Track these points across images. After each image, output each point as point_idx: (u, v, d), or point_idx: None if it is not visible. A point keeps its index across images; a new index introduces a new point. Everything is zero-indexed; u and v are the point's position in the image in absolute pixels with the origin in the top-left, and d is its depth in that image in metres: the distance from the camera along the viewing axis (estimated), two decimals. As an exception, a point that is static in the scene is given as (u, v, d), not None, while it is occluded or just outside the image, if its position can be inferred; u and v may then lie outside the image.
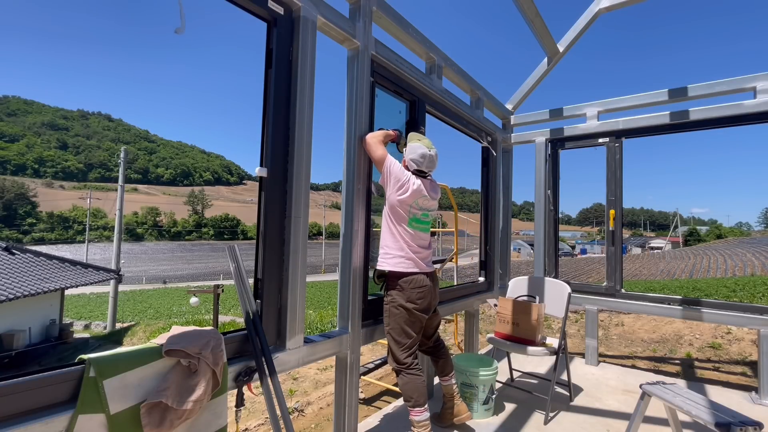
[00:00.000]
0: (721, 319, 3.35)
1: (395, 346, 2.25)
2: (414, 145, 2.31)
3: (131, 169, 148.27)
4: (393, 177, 2.22)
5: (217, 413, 1.45)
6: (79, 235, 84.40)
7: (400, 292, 2.22)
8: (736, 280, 15.54)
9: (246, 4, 1.78)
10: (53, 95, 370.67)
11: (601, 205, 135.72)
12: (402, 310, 2.22)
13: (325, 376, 4.84)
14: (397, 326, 2.23)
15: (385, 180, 2.25)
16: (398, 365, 2.25)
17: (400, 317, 2.22)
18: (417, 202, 2.26)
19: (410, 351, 2.25)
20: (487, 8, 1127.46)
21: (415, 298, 2.22)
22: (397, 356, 2.24)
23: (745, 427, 1.61)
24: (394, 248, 2.25)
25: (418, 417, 2.17)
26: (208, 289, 9.91)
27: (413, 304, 2.22)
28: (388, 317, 2.27)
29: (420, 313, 2.25)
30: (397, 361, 2.25)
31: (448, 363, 2.56)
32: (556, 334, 5.02)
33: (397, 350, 2.24)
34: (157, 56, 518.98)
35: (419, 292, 2.23)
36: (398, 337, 2.24)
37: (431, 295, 2.31)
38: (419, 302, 2.24)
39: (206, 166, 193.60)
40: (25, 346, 12.14)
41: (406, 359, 2.23)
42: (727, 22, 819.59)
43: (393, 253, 2.25)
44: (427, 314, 2.32)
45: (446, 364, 2.55)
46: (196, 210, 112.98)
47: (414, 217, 2.27)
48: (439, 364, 2.55)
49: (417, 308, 2.23)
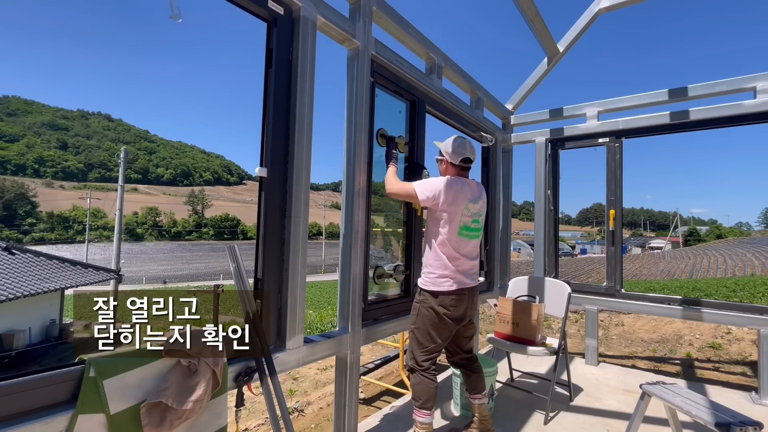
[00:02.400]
0: (721, 319, 3.35)
1: (416, 347, 2.19)
2: (450, 139, 2.26)
3: (131, 169, 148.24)
4: (431, 192, 2.11)
5: (217, 413, 1.45)
6: (79, 235, 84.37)
7: (434, 297, 2.15)
8: (736, 280, 15.55)
9: (246, 4, 1.78)
10: (53, 95, 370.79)
11: (601, 205, 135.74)
12: (432, 312, 2.13)
13: (325, 376, 4.84)
14: (423, 328, 2.16)
15: (429, 200, 2.12)
16: (415, 365, 2.19)
17: (429, 320, 2.14)
18: (467, 207, 2.15)
19: (430, 355, 2.17)
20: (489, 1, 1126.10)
21: (449, 304, 2.13)
22: (416, 356, 2.18)
23: (745, 427, 1.61)
24: (436, 266, 2.15)
25: (422, 419, 2.14)
26: (208, 289, 9.90)
27: (445, 309, 2.13)
28: (416, 316, 2.19)
29: (451, 321, 2.15)
30: (414, 360, 2.19)
31: (481, 381, 2.37)
32: (556, 334, 5.02)
33: (417, 351, 2.18)
34: (157, 56, 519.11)
35: (453, 299, 2.14)
36: (422, 339, 2.17)
37: (467, 305, 2.21)
38: (452, 309, 2.13)
39: (206, 166, 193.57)
40: (25, 346, 12.14)
41: (423, 362, 2.15)
42: (727, 21, 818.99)
43: (436, 272, 2.15)
44: (459, 323, 2.20)
45: (479, 381, 2.36)
46: (196, 210, 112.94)
47: (464, 225, 2.15)
48: (471, 380, 2.36)
49: (449, 315, 2.13)
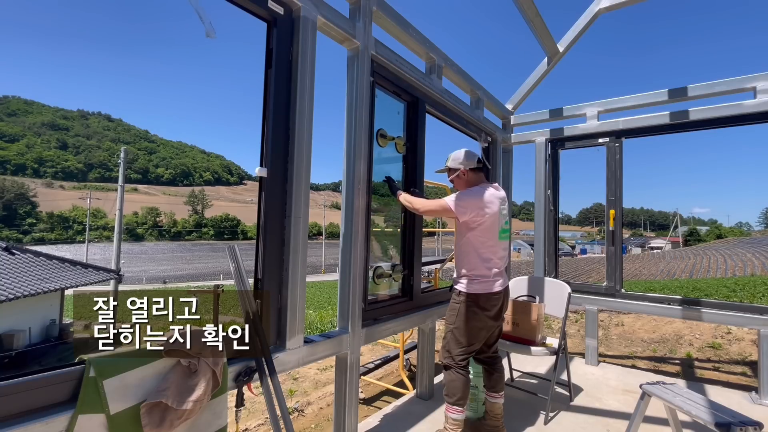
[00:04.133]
0: (721, 319, 3.35)
1: (454, 345, 2.22)
2: (452, 155, 2.34)
3: (131, 169, 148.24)
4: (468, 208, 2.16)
5: (217, 413, 1.45)
6: (79, 235, 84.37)
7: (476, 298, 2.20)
8: (736, 280, 15.55)
9: (246, 4, 1.78)
10: (53, 95, 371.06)
11: (601, 205, 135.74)
12: (473, 314, 2.18)
13: (325, 376, 4.84)
14: (463, 327, 2.20)
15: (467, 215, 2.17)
16: (451, 362, 2.22)
17: (470, 320, 2.19)
18: (500, 210, 2.22)
19: (468, 354, 2.22)
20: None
21: (490, 305, 2.20)
22: (453, 354, 2.22)
23: (745, 427, 1.61)
24: (477, 270, 2.20)
25: (454, 415, 2.17)
26: (208, 289, 9.91)
27: (486, 310, 2.20)
28: (456, 316, 2.23)
29: (491, 321, 2.22)
30: (452, 358, 2.22)
31: (502, 379, 2.41)
32: (556, 334, 5.01)
33: (455, 349, 2.22)
34: (157, 55, 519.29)
35: (493, 300, 2.21)
36: (461, 338, 2.21)
37: (502, 304, 2.28)
38: (492, 309, 2.21)
39: (206, 166, 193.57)
40: (25, 346, 12.14)
41: (461, 360, 2.20)
42: (728, 20, 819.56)
43: (478, 276, 2.20)
44: (497, 322, 2.28)
45: (500, 379, 2.39)
46: (196, 210, 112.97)
47: (501, 228, 2.24)
48: (492, 378, 2.39)
49: (489, 315, 2.20)
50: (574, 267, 30.55)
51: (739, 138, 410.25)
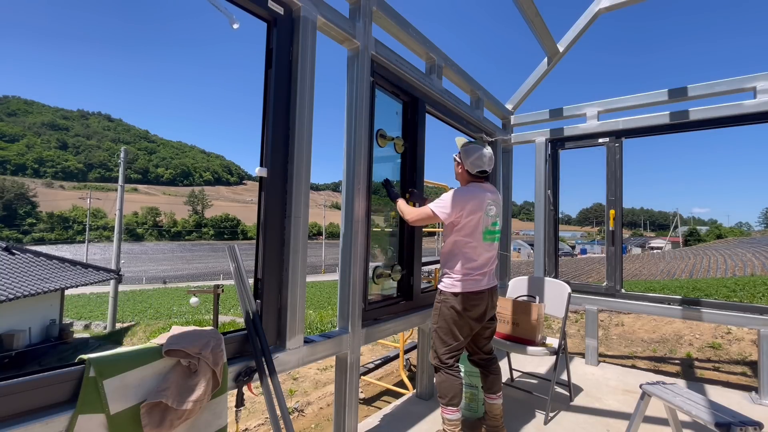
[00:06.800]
0: (721, 319, 3.35)
1: (440, 345, 2.25)
2: (469, 148, 2.30)
3: (131, 169, 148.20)
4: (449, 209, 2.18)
5: (217, 413, 1.45)
6: (79, 235, 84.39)
7: (455, 297, 2.21)
8: (736, 280, 15.54)
9: (246, 4, 1.78)
10: (53, 95, 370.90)
11: (601, 205, 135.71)
12: (453, 311, 2.20)
13: (325, 376, 4.84)
14: (446, 326, 2.23)
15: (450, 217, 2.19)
16: (439, 363, 2.25)
17: (450, 318, 2.21)
18: (487, 212, 2.23)
19: (453, 353, 2.24)
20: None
21: (469, 304, 2.21)
22: (439, 355, 2.25)
23: (745, 427, 1.61)
24: (457, 270, 2.23)
25: (450, 416, 2.18)
26: (208, 289, 9.92)
27: (466, 308, 2.20)
28: (438, 316, 2.26)
29: (471, 319, 2.23)
30: (438, 359, 2.25)
31: (498, 381, 2.43)
32: (556, 334, 5.02)
33: (440, 349, 2.25)
34: (157, 55, 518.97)
35: (474, 299, 2.22)
36: (445, 337, 2.24)
37: (487, 305, 2.28)
38: (472, 308, 2.22)
39: (206, 166, 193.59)
40: (25, 346, 12.14)
41: (447, 360, 2.22)
42: (728, 19, 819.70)
43: (457, 275, 2.23)
44: (479, 322, 2.28)
45: (496, 381, 2.41)
46: (196, 210, 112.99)
47: (486, 229, 2.25)
48: (488, 380, 2.42)
49: (469, 314, 2.21)
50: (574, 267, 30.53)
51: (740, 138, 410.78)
